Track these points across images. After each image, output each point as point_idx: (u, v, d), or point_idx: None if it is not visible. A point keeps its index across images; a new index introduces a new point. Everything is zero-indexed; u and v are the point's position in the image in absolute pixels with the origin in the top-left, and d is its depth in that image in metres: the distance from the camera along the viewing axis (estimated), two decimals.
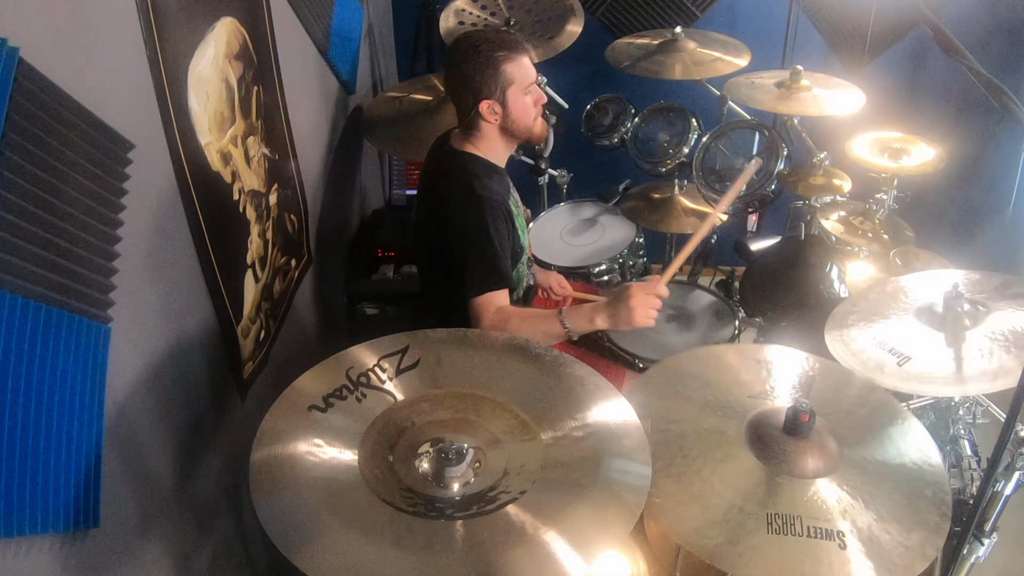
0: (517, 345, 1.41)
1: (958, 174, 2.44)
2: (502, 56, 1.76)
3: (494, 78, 1.77)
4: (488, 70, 1.76)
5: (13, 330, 1.03)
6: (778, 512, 1.18)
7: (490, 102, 1.78)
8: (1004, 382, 1.41)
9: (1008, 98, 1.28)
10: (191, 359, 1.58)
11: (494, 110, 1.79)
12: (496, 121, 1.82)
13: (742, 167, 2.40)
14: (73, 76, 1.15)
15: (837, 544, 1.14)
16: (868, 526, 1.17)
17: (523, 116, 1.83)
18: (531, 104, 1.84)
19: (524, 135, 1.88)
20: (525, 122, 1.85)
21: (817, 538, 1.14)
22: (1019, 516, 1.88)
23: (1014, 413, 1.10)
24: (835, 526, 1.16)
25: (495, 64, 1.76)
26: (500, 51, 1.76)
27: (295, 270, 2.20)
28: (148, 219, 1.39)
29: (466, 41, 1.80)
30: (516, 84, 1.79)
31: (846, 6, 2.98)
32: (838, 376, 1.48)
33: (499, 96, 1.78)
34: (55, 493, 1.13)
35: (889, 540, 1.15)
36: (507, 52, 1.77)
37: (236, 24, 1.74)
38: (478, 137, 1.86)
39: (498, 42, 1.78)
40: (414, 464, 1.16)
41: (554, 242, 2.61)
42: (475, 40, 1.79)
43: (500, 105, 1.79)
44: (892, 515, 1.19)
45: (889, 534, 1.16)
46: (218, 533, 1.75)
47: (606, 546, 1.06)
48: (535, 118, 1.86)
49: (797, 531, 1.15)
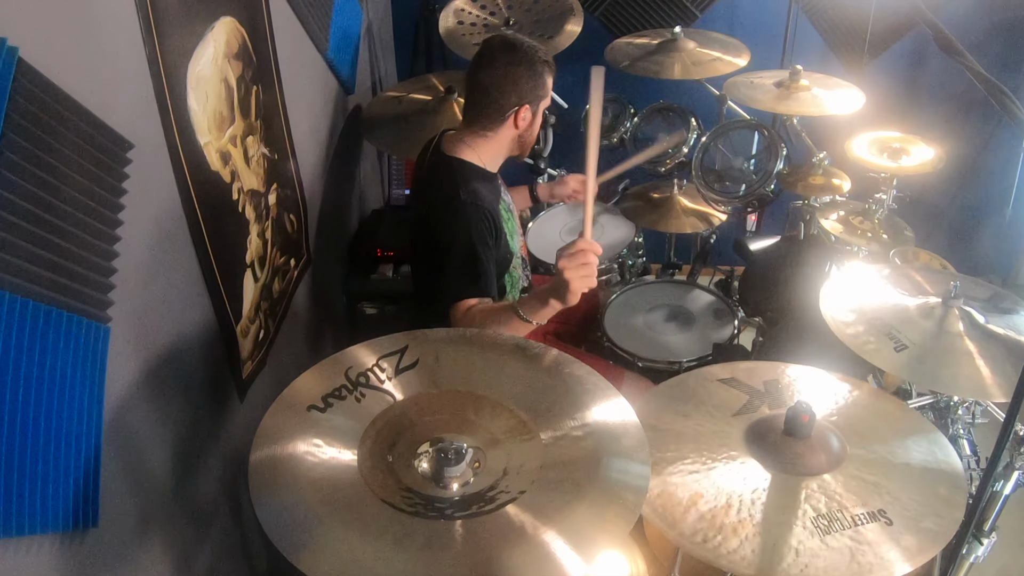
0: (517, 345, 1.41)
1: (957, 174, 2.44)
2: (546, 68, 1.82)
3: (539, 87, 1.81)
4: (540, 78, 1.81)
5: (12, 330, 1.03)
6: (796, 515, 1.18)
7: (529, 108, 1.81)
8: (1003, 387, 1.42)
9: (1008, 98, 1.28)
10: (190, 359, 1.58)
11: (526, 117, 1.83)
12: (522, 128, 1.85)
13: (741, 166, 2.41)
14: (73, 76, 1.15)
15: (883, 522, 1.16)
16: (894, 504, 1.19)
17: (536, 131, 1.89)
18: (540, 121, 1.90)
19: (527, 149, 1.92)
20: (534, 137, 1.91)
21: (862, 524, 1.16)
22: (1018, 516, 1.88)
23: (1013, 413, 1.11)
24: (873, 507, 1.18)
25: (542, 73, 1.81)
26: (545, 62, 1.82)
27: (294, 270, 2.20)
28: (148, 219, 1.39)
29: (521, 44, 1.80)
30: (546, 100, 1.85)
31: (846, 6, 2.98)
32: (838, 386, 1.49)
33: (535, 105, 1.83)
34: (55, 493, 1.13)
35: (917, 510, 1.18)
36: (550, 65, 1.83)
37: (235, 24, 1.74)
38: (484, 140, 1.86)
39: (543, 53, 1.82)
40: (413, 464, 1.16)
41: (554, 242, 2.61)
42: (528, 44, 1.81)
43: (531, 114, 1.83)
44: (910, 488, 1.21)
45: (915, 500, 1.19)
46: (218, 533, 1.75)
47: (606, 546, 1.06)
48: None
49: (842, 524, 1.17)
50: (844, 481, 1.24)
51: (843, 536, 1.14)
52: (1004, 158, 2.96)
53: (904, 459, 1.30)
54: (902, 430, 1.36)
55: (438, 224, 1.79)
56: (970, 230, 3.13)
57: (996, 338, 1.53)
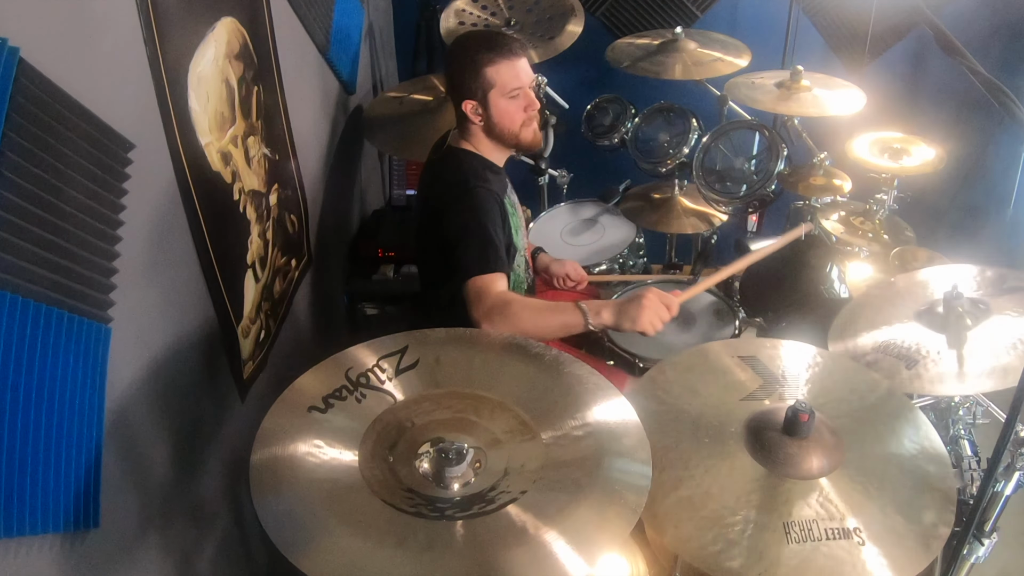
0: (517, 345, 1.41)
1: (958, 174, 2.44)
2: (484, 59, 1.78)
3: (474, 80, 1.79)
4: (469, 71, 1.79)
5: (13, 330, 1.03)
6: (793, 520, 1.17)
7: (473, 103, 1.81)
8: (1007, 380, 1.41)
9: (1008, 98, 1.28)
10: (191, 359, 1.58)
11: (477, 111, 1.82)
12: (479, 122, 1.84)
13: (742, 167, 2.40)
14: (73, 76, 1.15)
15: (856, 541, 1.14)
16: (879, 518, 1.17)
17: (505, 120, 1.83)
18: (516, 109, 1.83)
19: (510, 140, 1.87)
20: (509, 127, 1.84)
21: (835, 539, 1.14)
22: (1019, 516, 1.88)
23: (1014, 413, 1.10)
24: (848, 524, 1.16)
25: (476, 66, 1.78)
26: (485, 54, 1.78)
27: (295, 270, 2.20)
28: (148, 219, 1.39)
29: (457, 41, 1.87)
30: (497, 88, 1.80)
31: (846, 6, 2.98)
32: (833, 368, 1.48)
33: (480, 98, 1.80)
34: (55, 493, 1.13)
35: (902, 524, 1.16)
36: (492, 55, 1.78)
37: (236, 24, 1.74)
38: (472, 135, 1.88)
39: (486, 45, 1.79)
40: (414, 464, 1.16)
41: (554, 242, 2.61)
42: (464, 41, 1.85)
43: (482, 107, 1.82)
44: (901, 500, 1.20)
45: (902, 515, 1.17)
46: (218, 533, 1.75)
47: (607, 546, 1.06)
48: (522, 124, 1.85)
49: (816, 536, 1.15)
50: (837, 487, 1.22)
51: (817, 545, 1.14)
52: (1005, 158, 2.96)
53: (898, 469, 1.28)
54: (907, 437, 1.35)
55: (449, 209, 1.78)
56: (971, 230, 3.12)
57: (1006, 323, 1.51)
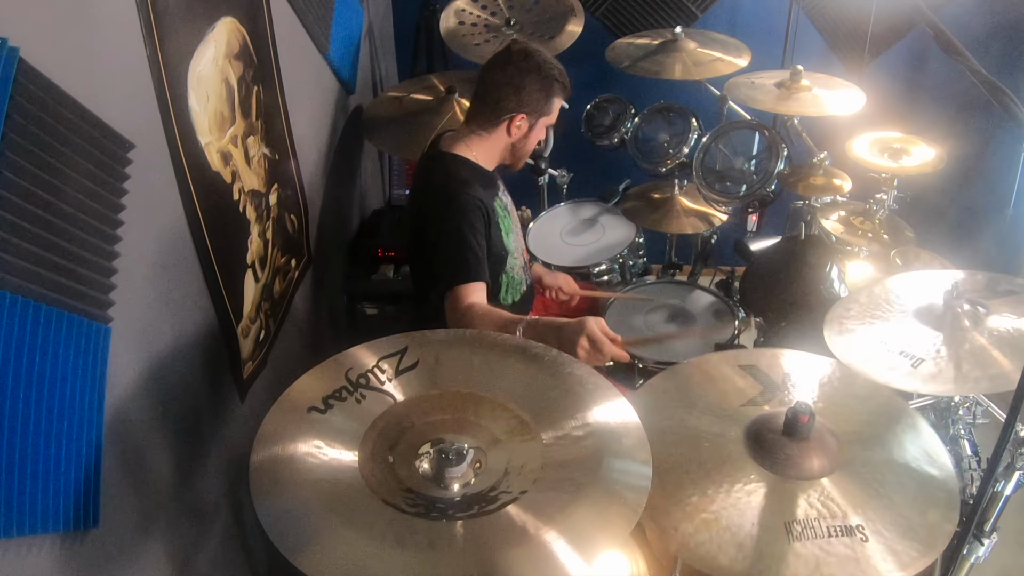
0: (517, 345, 1.41)
1: (958, 174, 2.43)
2: (558, 88, 1.85)
3: (543, 101, 1.84)
4: (543, 92, 1.83)
5: (13, 330, 1.03)
6: (795, 519, 1.17)
7: (526, 119, 1.84)
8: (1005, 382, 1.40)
9: (1008, 98, 1.28)
10: (191, 359, 1.58)
11: (521, 127, 1.85)
12: (515, 137, 1.87)
13: (742, 166, 2.40)
14: (73, 76, 1.15)
15: (860, 538, 1.14)
16: (882, 515, 1.18)
17: (530, 146, 1.92)
18: (536, 139, 1.92)
19: (519, 162, 1.96)
20: (528, 152, 1.93)
21: (838, 536, 1.14)
22: (1019, 516, 1.88)
23: (1014, 413, 1.10)
24: (851, 521, 1.17)
25: (549, 91, 1.84)
26: (558, 83, 1.85)
27: (295, 270, 2.20)
28: (148, 219, 1.39)
29: (539, 55, 1.84)
30: (547, 118, 1.88)
31: (846, 6, 2.98)
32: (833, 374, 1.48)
33: (533, 118, 1.85)
34: (55, 493, 1.13)
35: (905, 523, 1.16)
36: (562, 88, 1.86)
37: (236, 24, 1.74)
38: (480, 139, 1.87)
39: (561, 77, 1.86)
40: (414, 465, 1.16)
41: (554, 242, 2.61)
42: (547, 59, 1.85)
43: (528, 127, 1.86)
44: (904, 498, 1.20)
45: (904, 518, 1.17)
46: (218, 533, 1.75)
47: (607, 546, 1.06)
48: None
49: (819, 533, 1.15)
50: (839, 486, 1.23)
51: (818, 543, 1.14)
52: (1005, 158, 2.96)
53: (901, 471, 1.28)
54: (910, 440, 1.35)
55: (429, 214, 1.82)
56: (971, 230, 3.12)
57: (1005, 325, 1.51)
